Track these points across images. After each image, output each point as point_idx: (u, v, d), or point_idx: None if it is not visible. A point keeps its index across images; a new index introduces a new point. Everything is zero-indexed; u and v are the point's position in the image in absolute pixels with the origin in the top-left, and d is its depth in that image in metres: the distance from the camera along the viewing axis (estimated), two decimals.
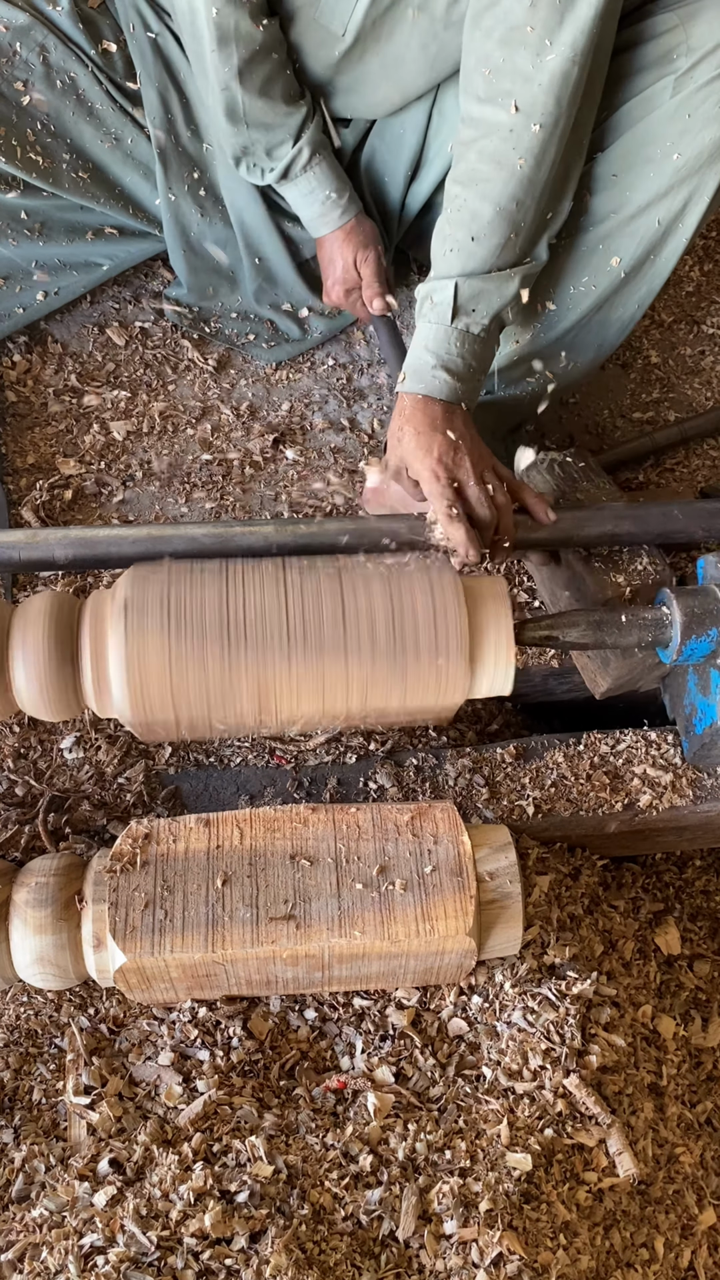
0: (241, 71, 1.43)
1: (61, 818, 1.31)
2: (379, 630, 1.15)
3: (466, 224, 1.31)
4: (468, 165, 1.32)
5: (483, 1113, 1.17)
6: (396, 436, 1.32)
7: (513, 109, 1.27)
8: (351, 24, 1.43)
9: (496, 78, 1.28)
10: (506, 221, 1.31)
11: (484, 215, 1.31)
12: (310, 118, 1.52)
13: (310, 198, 1.58)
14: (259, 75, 1.44)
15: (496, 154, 1.29)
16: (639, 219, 1.44)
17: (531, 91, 1.27)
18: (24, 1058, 1.21)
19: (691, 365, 1.93)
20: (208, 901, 1.12)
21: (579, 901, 1.40)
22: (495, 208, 1.30)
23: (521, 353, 1.58)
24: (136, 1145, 1.10)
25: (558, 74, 1.26)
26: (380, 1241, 1.07)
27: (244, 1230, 1.03)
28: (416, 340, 1.34)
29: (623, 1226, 1.18)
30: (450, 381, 1.32)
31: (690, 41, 1.32)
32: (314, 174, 1.55)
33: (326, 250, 1.64)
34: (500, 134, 1.29)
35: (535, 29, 1.24)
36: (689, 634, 1.23)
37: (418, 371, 1.32)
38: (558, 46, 1.25)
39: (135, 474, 1.65)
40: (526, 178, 1.30)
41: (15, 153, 1.52)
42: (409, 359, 1.34)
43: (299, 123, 1.51)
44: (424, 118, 1.59)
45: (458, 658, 1.16)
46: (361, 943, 1.12)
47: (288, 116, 1.50)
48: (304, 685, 1.15)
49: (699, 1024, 1.45)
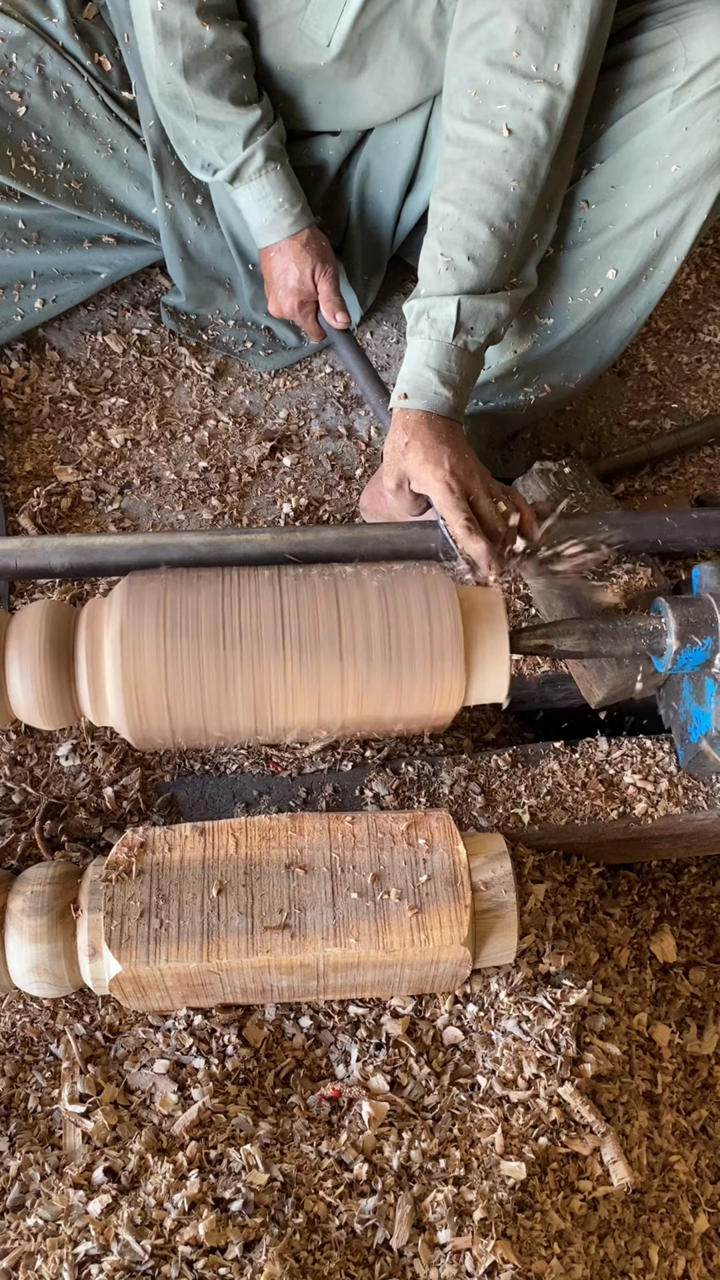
0: (186, 67, 1.42)
1: (58, 825, 1.31)
2: (375, 638, 1.15)
3: (461, 244, 1.31)
4: (459, 185, 1.32)
5: (477, 1121, 1.17)
6: (400, 451, 1.31)
7: (504, 131, 1.28)
8: (337, 35, 1.44)
9: (484, 99, 1.29)
10: (500, 241, 1.32)
11: (479, 235, 1.31)
12: (265, 122, 1.49)
13: (261, 204, 1.54)
14: (206, 74, 1.43)
15: (489, 175, 1.30)
16: (637, 231, 1.45)
17: (522, 116, 1.28)
18: (19, 1065, 1.21)
19: (688, 373, 1.94)
20: (203, 910, 1.12)
21: (574, 909, 1.40)
22: (490, 228, 1.31)
23: (519, 363, 1.58)
24: (131, 1153, 1.11)
25: (548, 100, 1.28)
26: (374, 1250, 1.07)
27: (238, 1239, 1.03)
28: (415, 357, 1.34)
29: (617, 1235, 1.18)
30: (450, 398, 1.32)
31: (688, 54, 1.33)
32: (266, 180, 1.52)
33: (277, 261, 1.59)
34: (493, 155, 1.30)
35: (522, 54, 1.26)
36: (684, 643, 1.23)
37: (420, 388, 1.32)
38: (545, 73, 1.27)
39: (133, 481, 1.65)
40: (520, 199, 1.31)
41: (11, 164, 1.53)
42: (408, 376, 1.34)
43: (250, 124, 1.48)
44: (420, 130, 1.59)
45: (453, 665, 1.16)
46: (356, 952, 1.12)
47: (239, 117, 1.47)
48: (300, 693, 1.15)
49: (694, 1031, 1.45)
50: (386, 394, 1.54)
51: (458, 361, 1.33)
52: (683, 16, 1.35)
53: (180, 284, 1.75)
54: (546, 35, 1.26)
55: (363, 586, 1.18)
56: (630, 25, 1.38)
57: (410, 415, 1.32)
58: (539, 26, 1.26)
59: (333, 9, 1.42)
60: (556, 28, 1.26)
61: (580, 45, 1.27)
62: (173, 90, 1.45)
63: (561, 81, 1.28)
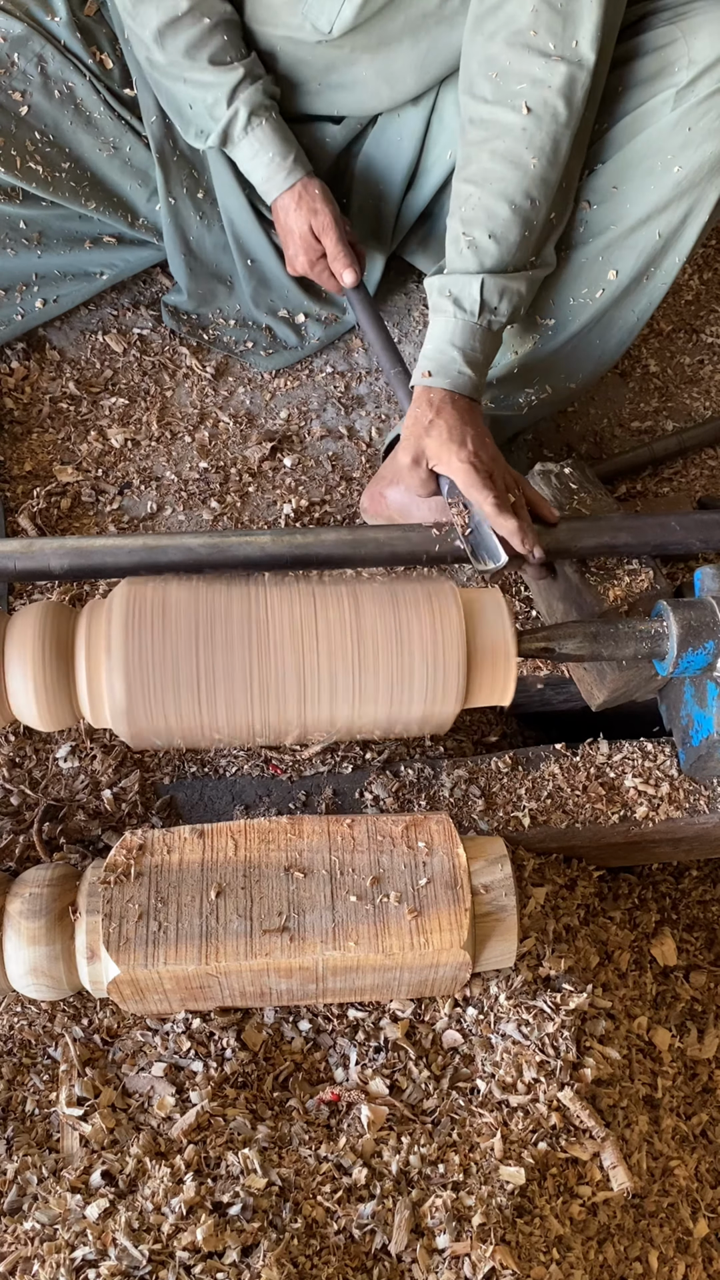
0: (161, 32, 1.42)
1: (56, 827, 1.31)
2: (378, 639, 1.14)
3: (483, 222, 1.32)
4: (480, 166, 1.32)
5: (476, 1126, 1.16)
6: (423, 428, 1.30)
7: (524, 110, 1.29)
8: (340, 20, 1.43)
9: (504, 80, 1.30)
10: (521, 219, 1.33)
11: (500, 213, 1.32)
12: (248, 79, 1.49)
13: (255, 161, 1.54)
14: (182, 38, 1.43)
15: (509, 153, 1.31)
16: (639, 231, 1.45)
17: (542, 94, 1.29)
18: (17, 1068, 1.20)
19: (690, 374, 1.93)
20: (201, 913, 1.12)
21: (575, 913, 1.39)
22: (511, 205, 1.32)
23: (520, 364, 1.58)
24: (129, 1157, 1.10)
25: (568, 76, 1.28)
26: (373, 1256, 1.07)
27: (236, 1244, 1.02)
28: (438, 335, 1.34)
29: (616, 1241, 1.17)
30: (473, 377, 1.33)
31: (691, 54, 1.33)
32: (255, 136, 1.51)
33: (282, 219, 1.59)
34: (513, 134, 1.30)
35: (540, 33, 1.27)
36: (685, 646, 1.23)
37: (444, 367, 1.32)
38: (564, 50, 1.27)
39: (133, 481, 1.65)
40: (540, 175, 1.32)
41: (14, 162, 1.52)
42: (432, 354, 1.34)
43: (233, 84, 1.47)
44: (422, 124, 1.59)
45: (456, 667, 1.15)
46: (355, 955, 1.11)
47: (219, 77, 1.47)
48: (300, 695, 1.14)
49: (694, 1035, 1.45)
50: (398, 354, 1.54)
51: (481, 340, 1.34)
52: (686, 16, 1.35)
53: (182, 281, 1.74)
54: (564, 12, 1.26)
55: (365, 588, 1.18)
56: (634, 23, 1.38)
57: (435, 394, 1.32)
58: (555, 4, 1.26)
59: None
60: (573, 4, 1.26)
61: (597, 19, 1.27)
62: (152, 57, 1.46)
63: (580, 57, 1.28)
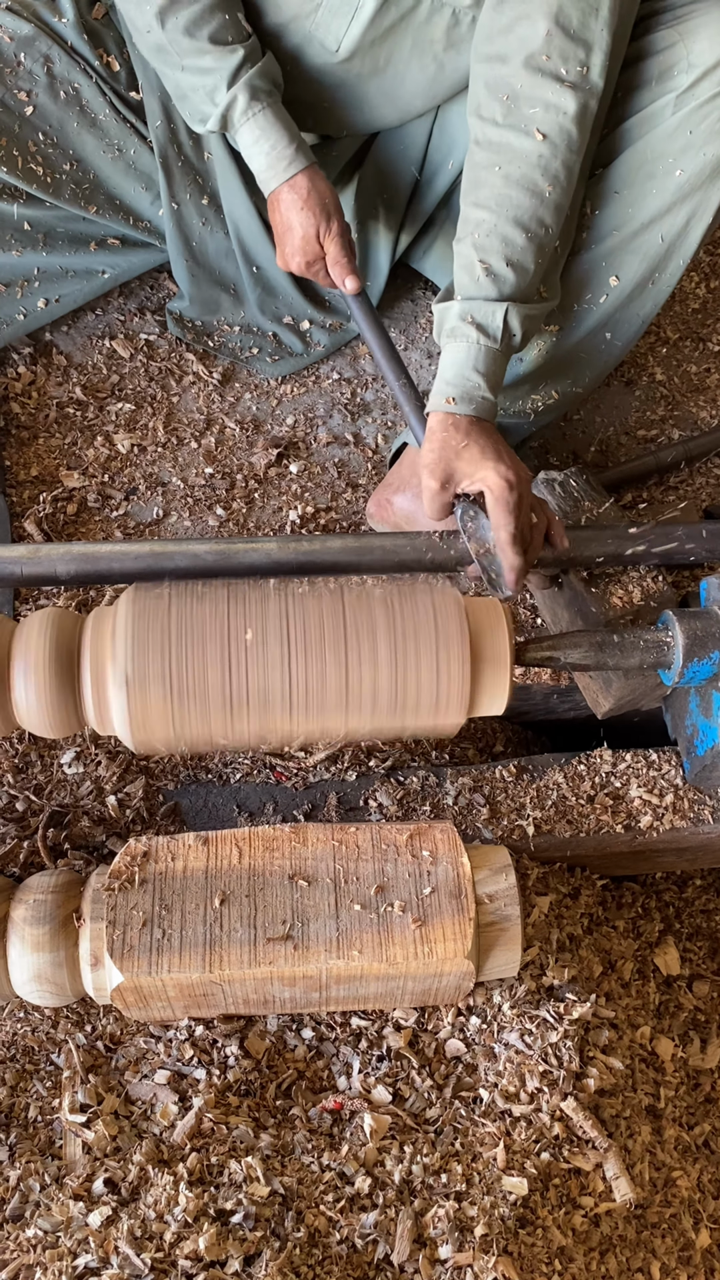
0: (162, 12, 1.39)
1: (61, 833, 1.31)
2: (381, 648, 1.14)
3: (499, 249, 1.31)
4: (493, 190, 1.31)
5: (479, 1135, 1.16)
6: (454, 451, 1.29)
7: (538, 135, 1.28)
8: (346, 41, 1.43)
9: (516, 103, 1.29)
10: (536, 245, 1.32)
11: (517, 240, 1.31)
12: (249, 61, 1.45)
13: (255, 147, 1.48)
14: (183, 15, 1.40)
15: (524, 179, 1.30)
16: (642, 235, 1.45)
17: (557, 120, 1.28)
18: (20, 1074, 1.20)
19: (697, 383, 1.93)
20: (205, 921, 1.12)
21: (578, 922, 1.39)
22: (526, 233, 1.31)
23: (526, 371, 1.58)
24: (132, 1165, 1.10)
25: (580, 103, 1.28)
26: (375, 1265, 1.07)
27: (238, 1253, 1.02)
28: (460, 360, 1.32)
29: (619, 1251, 1.17)
30: (495, 403, 1.33)
31: (691, 58, 1.33)
32: (257, 121, 1.46)
33: (281, 213, 1.51)
34: (528, 160, 1.29)
35: (552, 58, 1.26)
36: (691, 657, 1.23)
37: (468, 393, 1.31)
38: (576, 77, 1.27)
39: (139, 487, 1.65)
40: (555, 203, 1.32)
41: (18, 163, 1.52)
42: (454, 380, 1.32)
43: (234, 66, 1.43)
44: (424, 136, 1.59)
45: (460, 677, 1.15)
46: (359, 964, 1.11)
47: (220, 59, 1.43)
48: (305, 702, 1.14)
49: (698, 1045, 1.45)
50: (402, 364, 1.52)
51: (500, 365, 1.34)
52: (685, 19, 1.35)
53: (185, 288, 1.74)
54: (576, 39, 1.26)
55: (369, 596, 1.17)
56: (635, 26, 1.38)
57: (460, 420, 1.31)
58: (569, 30, 1.26)
59: (344, 14, 1.41)
60: (586, 31, 1.26)
61: (607, 48, 1.27)
62: (153, 40, 1.42)
63: (592, 84, 1.28)
